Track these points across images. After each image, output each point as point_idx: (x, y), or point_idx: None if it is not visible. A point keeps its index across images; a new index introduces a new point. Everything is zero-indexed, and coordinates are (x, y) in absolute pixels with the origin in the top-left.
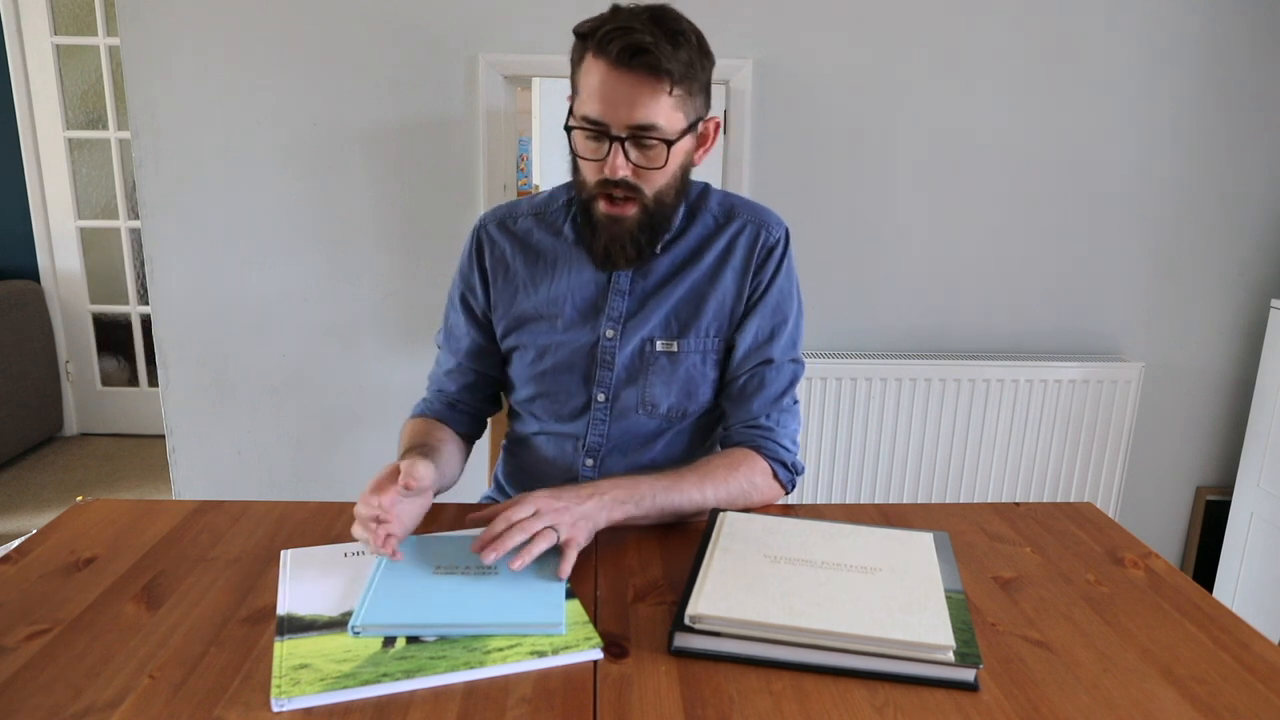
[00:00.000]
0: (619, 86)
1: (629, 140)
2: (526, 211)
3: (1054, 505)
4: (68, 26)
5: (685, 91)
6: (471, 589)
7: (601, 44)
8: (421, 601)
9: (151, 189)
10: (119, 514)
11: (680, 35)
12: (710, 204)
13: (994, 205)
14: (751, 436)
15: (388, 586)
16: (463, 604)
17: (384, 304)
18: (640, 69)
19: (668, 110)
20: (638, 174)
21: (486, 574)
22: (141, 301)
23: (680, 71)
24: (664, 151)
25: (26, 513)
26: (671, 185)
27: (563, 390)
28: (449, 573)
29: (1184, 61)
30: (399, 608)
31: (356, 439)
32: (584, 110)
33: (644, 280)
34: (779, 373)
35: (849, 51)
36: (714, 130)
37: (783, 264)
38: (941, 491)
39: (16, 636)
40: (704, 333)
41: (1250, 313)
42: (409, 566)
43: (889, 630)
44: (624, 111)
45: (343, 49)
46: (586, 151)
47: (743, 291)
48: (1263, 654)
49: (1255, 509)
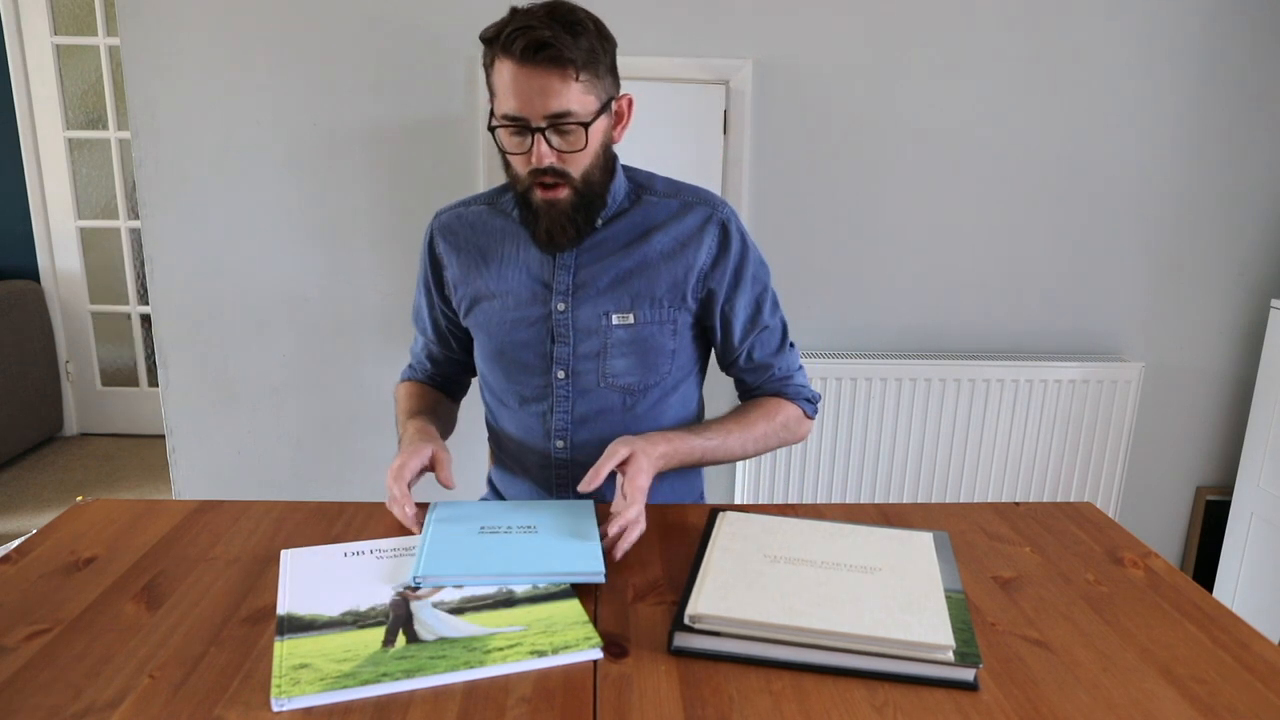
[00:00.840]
0: (529, 81)
1: (549, 129)
2: (479, 201)
3: (1054, 505)
4: (68, 26)
5: (591, 75)
6: (516, 543)
7: (506, 44)
8: (473, 555)
9: (151, 189)
10: (119, 514)
11: (577, 25)
12: (656, 184)
13: (994, 205)
14: (773, 386)
15: (440, 543)
16: (509, 557)
17: (384, 304)
18: (545, 62)
19: (579, 95)
20: (562, 159)
21: (528, 531)
22: (141, 301)
23: (583, 59)
24: (582, 134)
25: (26, 513)
26: (596, 164)
27: (522, 369)
28: (493, 532)
29: (1184, 61)
30: (453, 560)
31: (356, 439)
32: (503, 109)
33: (591, 255)
34: (774, 332)
35: (849, 51)
36: (627, 107)
37: (743, 238)
38: (941, 491)
39: (16, 636)
40: (660, 304)
41: (1250, 313)
42: (456, 526)
43: (889, 630)
44: (538, 103)
45: (343, 49)
46: (512, 146)
47: (694, 264)
48: (1263, 654)
49: (1255, 509)
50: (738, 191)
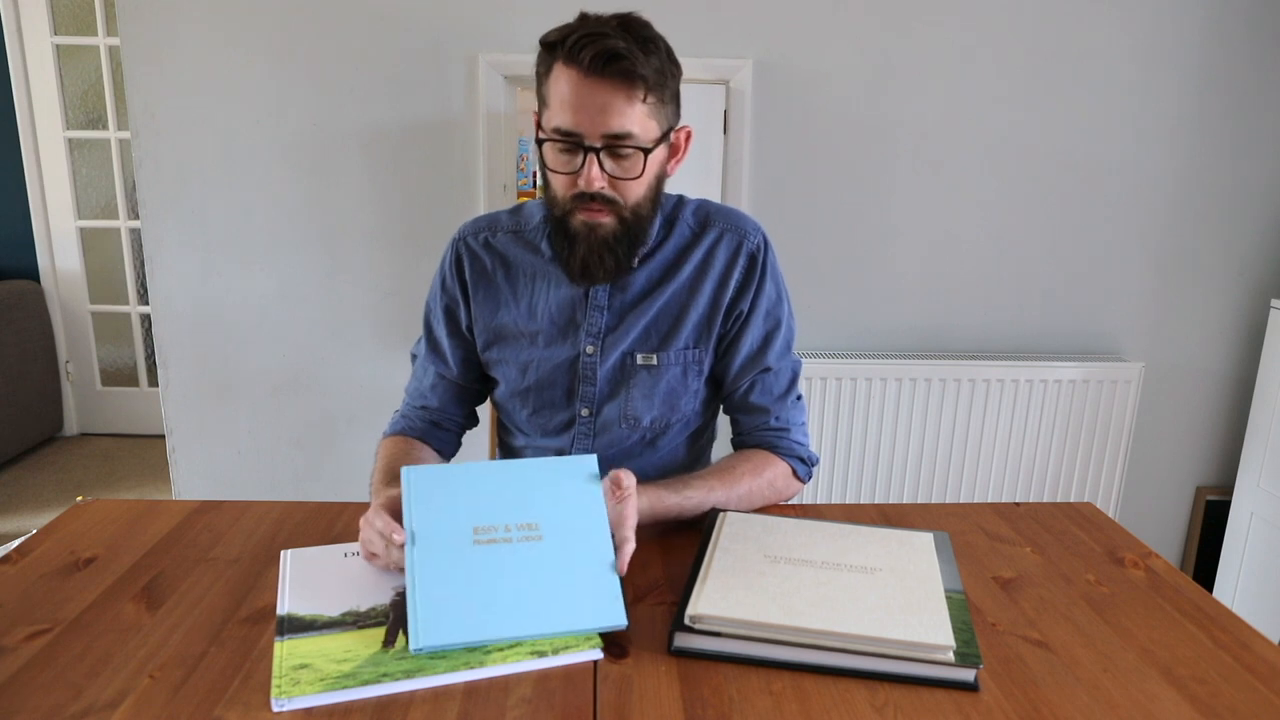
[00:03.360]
0: (592, 95)
1: (603, 150)
2: (506, 228)
3: (1054, 505)
4: (68, 26)
5: (658, 99)
6: (522, 574)
7: (572, 52)
8: (474, 601)
9: (151, 189)
10: (119, 514)
11: (651, 43)
12: (685, 214)
13: (994, 205)
14: (765, 437)
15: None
16: (518, 602)
17: (384, 304)
18: (614, 76)
19: (642, 118)
20: (613, 185)
21: (530, 537)
22: (141, 301)
23: (653, 79)
24: (640, 161)
25: (26, 513)
26: (648, 197)
27: (546, 406)
28: (491, 540)
29: (1184, 61)
30: (453, 615)
31: (356, 439)
32: (555, 122)
33: (622, 294)
34: (778, 376)
35: (849, 51)
36: (685, 140)
37: (767, 270)
38: (941, 491)
39: (16, 636)
40: (684, 344)
41: (1250, 313)
42: (445, 540)
43: (889, 630)
44: (598, 120)
45: (343, 49)
46: (559, 165)
47: (722, 301)
48: (1263, 654)
49: (1255, 509)
50: (737, 191)
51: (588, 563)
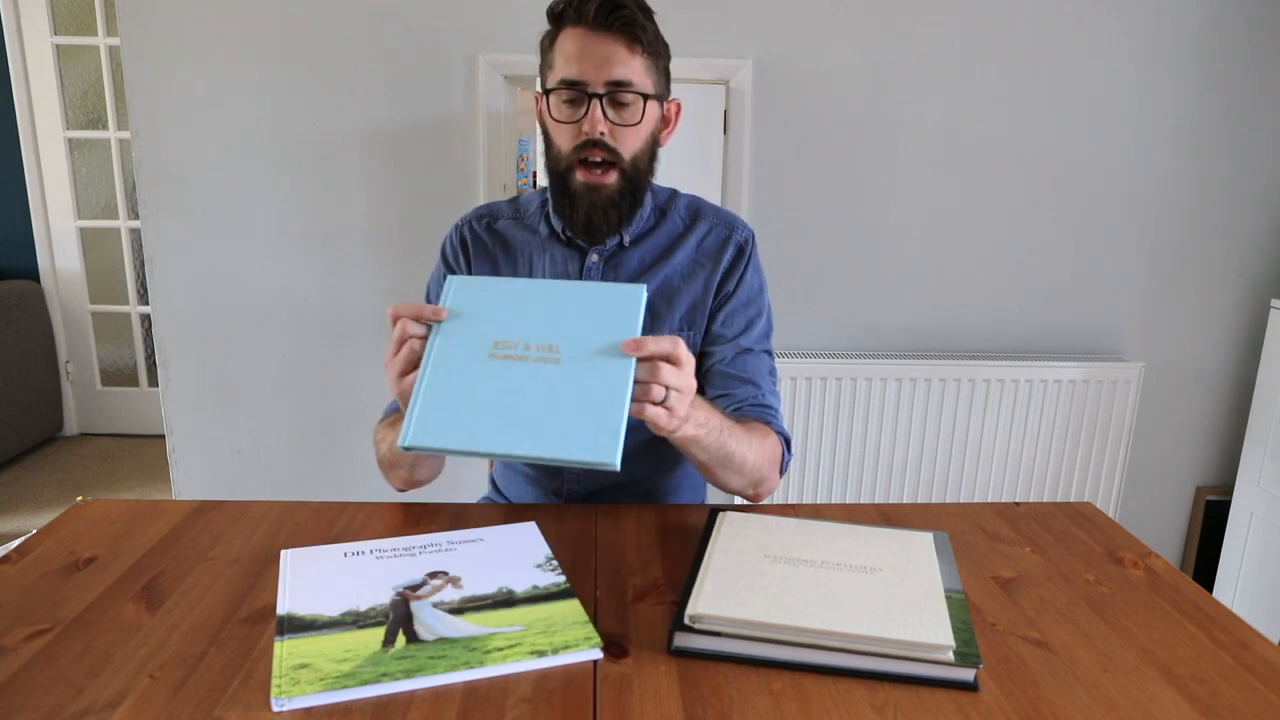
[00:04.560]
0: (597, 45)
1: (606, 98)
2: (506, 215)
3: (1054, 505)
4: (68, 26)
5: (653, 62)
6: (528, 393)
7: (579, 10)
8: (473, 410)
9: (151, 189)
10: (119, 514)
11: (647, 9)
12: (678, 205)
13: (994, 205)
14: (759, 412)
15: (440, 384)
16: (515, 420)
17: (384, 304)
18: (617, 27)
19: (641, 71)
20: (615, 133)
21: (547, 359)
22: (141, 301)
23: (650, 39)
24: (640, 107)
25: (26, 513)
26: (645, 151)
27: None
28: (506, 354)
29: (1184, 61)
30: (448, 420)
31: (356, 439)
32: (560, 75)
33: (614, 274)
34: (759, 359)
35: (849, 51)
36: (675, 112)
37: (751, 262)
38: (941, 491)
39: (16, 636)
40: (676, 327)
41: (1250, 313)
42: (463, 346)
43: (889, 630)
44: (602, 69)
45: (342, 49)
46: (564, 115)
47: (712, 284)
48: (1263, 654)
49: (1255, 509)
50: (737, 191)
51: (597, 393)
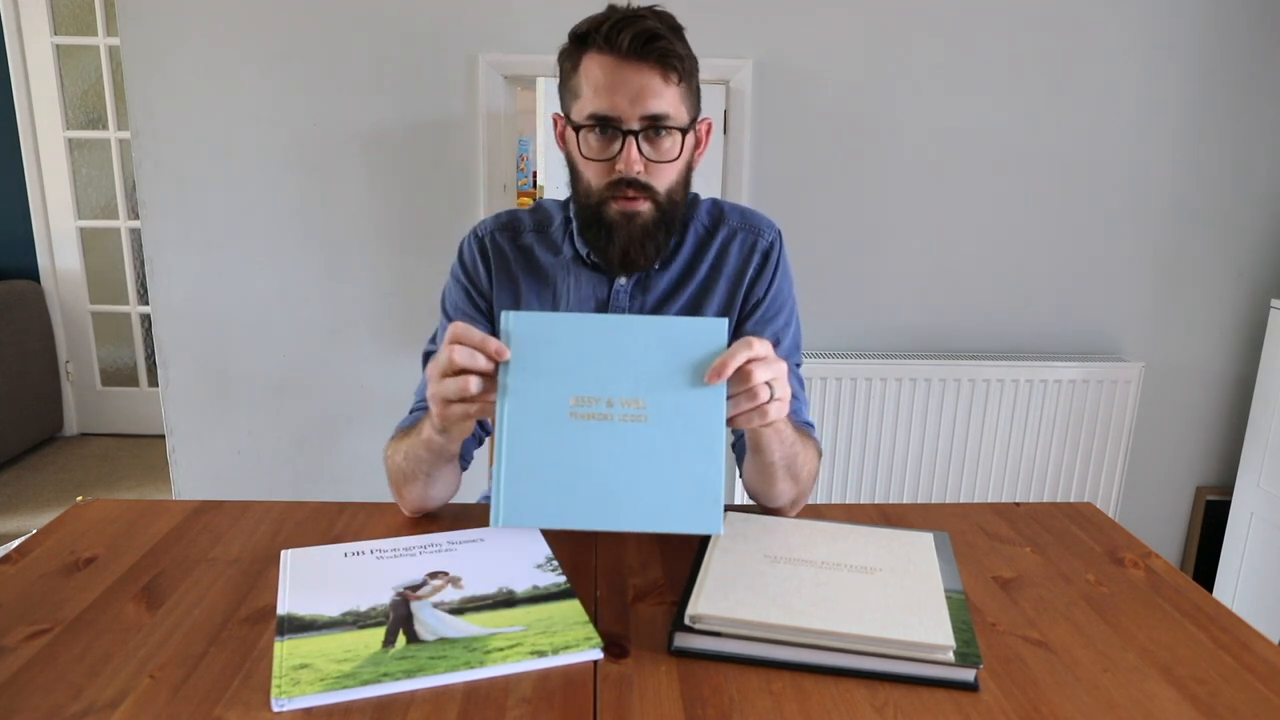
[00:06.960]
0: (631, 76)
1: (641, 134)
2: (530, 227)
3: (1054, 505)
4: (68, 26)
5: (688, 86)
6: (619, 460)
7: (609, 37)
8: (563, 483)
9: (151, 189)
10: (119, 514)
11: (679, 31)
12: (699, 213)
13: (994, 205)
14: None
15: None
16: (610, 491)
17: (384, 304)
18: (652, 57)
19: (676, 101)
20: (649, 170)
21: (632, 418)
22: (141, 301)
23: (685, 65)
24: (678, 142)
25: (26, 513)
26: (680, 183)
27: None
28: (589, 415)
29: (1184, 60)
30: (539, 495)
31: (356, 439)
32: (590, 109)
33: (644, 296)
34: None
35: (849, 52)
36: (706, 132)
37: (779, 267)
38: (941, 491)
39: (16, 636)
40: None
41: (1250, 313)
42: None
43: (889, 630)
44: (636, 103)
45: (343, 49)
46: (595, 151)
47: (736, 298)
48: (1263, 654)
49: (1255, 509)
50: (737, 192)
51: (691, 454)
